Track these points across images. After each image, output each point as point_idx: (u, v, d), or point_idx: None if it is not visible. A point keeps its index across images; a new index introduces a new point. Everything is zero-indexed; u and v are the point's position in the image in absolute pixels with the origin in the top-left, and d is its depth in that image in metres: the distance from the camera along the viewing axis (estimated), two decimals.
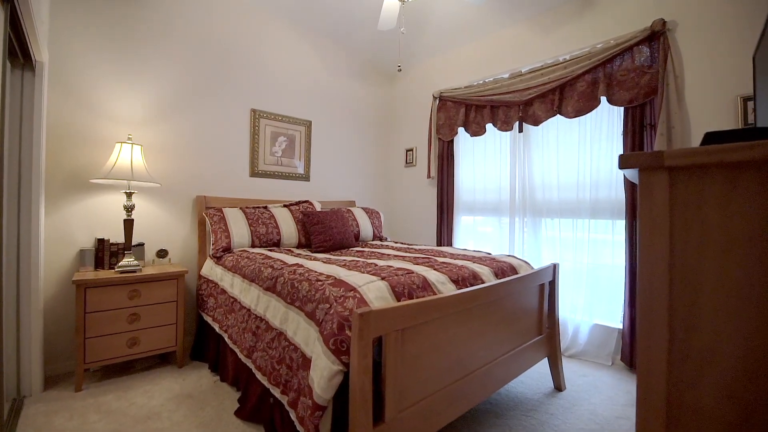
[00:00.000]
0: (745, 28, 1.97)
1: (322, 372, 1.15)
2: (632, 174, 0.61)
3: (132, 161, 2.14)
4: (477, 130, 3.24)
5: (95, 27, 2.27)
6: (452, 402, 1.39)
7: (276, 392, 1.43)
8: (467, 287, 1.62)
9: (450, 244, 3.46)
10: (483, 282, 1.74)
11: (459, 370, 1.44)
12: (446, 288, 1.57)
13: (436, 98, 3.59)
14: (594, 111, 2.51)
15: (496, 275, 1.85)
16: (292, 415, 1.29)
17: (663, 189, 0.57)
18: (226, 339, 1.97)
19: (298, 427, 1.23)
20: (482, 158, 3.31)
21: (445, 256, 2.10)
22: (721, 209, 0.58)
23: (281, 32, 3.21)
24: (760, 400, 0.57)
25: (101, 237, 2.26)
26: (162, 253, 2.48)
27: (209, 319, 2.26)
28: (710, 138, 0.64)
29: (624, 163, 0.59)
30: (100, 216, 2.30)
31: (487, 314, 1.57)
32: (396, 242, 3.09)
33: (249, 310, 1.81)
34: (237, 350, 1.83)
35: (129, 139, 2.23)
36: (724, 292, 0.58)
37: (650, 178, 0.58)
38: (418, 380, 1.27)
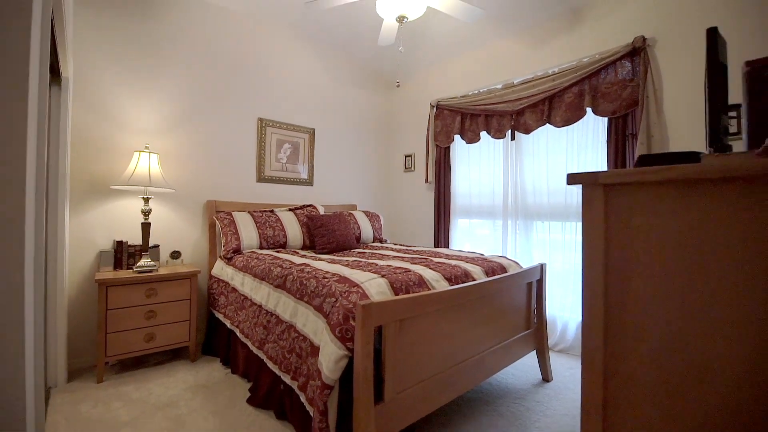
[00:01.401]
0: None
1: (329, 356, 1.31)
2: (579, 188, 0.77)
3: (150, 169, 2.31)
4: (472, 138, 3.41)
5: (113, 42, 2.43)
6: (445, 387, 1.55)
7: (287, 378, 1.59)
8: (459, 284, 1.77)
9: (447, 246, 3.62)
10: (474, 279, 1.90)
11: (451, 359, 1.60)
12: (440, 285, 1.73)
13: (434, 107, 3.76)
14: (580, 121, 2.68)
15: (487, 274, 2.01)
16: (302, 398, 1.45)
17: (599, 201, 0.73)
18: (238, 333, 2.13)
19: (308, 407, 1.39)
20: (477, 164, 3.48)
21: (440, 257, 2.26)
22: (647, 216, 0.74)
23: (287, 45, 3.38)
24: (679, 366, 0.72)
25: (120, 239, 2.42)
26: (175, 255, 2.64)
27: (220, 316, 2.42)
28: (643, 160, 0.80)
29: (570, 180, 0.76)
30: (118, 219, 2.46)
31: (477, 309, 1.73)
32: (395, 244, 3.25)
33: (260, 306, 1.96)
34: (249, 343, 1.99)
35: (146, 148, 2.40)
36: (650, 280, 0.74)
37: (590, 192, 0.74)
38: (414, 366, 1.43)
